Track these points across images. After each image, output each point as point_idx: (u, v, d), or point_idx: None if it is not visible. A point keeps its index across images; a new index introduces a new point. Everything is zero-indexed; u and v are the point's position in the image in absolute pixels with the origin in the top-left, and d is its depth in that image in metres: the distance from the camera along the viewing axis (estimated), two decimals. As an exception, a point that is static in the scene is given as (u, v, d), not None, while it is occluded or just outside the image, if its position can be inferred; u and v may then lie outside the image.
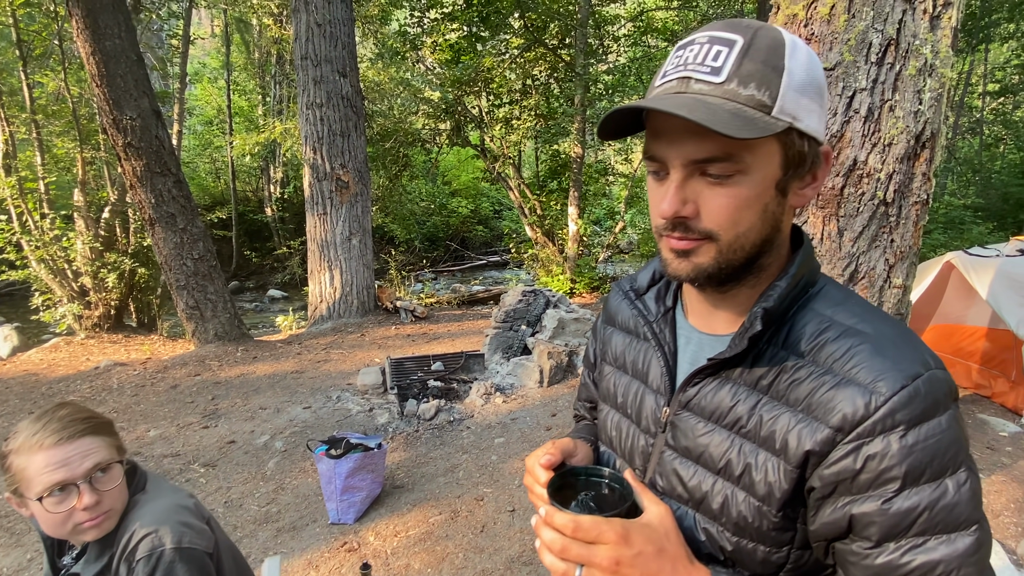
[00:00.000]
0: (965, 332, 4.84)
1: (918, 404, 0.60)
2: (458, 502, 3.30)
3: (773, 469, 0.66)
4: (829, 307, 0.69)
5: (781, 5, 2.59)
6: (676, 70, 0.64)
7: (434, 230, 17.49)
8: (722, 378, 0.72)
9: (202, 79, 18.63)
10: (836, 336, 0.66)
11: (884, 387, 0.61)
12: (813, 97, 0.65)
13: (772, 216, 0.67)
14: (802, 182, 0.69)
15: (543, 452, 0.78)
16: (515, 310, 5.57)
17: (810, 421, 0.64)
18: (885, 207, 2.40)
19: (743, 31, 0.63)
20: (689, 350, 0.79)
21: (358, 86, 7.97)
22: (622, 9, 12.85)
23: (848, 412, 0.61)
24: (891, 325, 0.67)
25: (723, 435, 0.71)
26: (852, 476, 0.62)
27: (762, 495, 0.67)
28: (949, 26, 2.34)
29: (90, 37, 5.38)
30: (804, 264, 0.71)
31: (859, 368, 0.63)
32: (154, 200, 6.03)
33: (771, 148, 0.64)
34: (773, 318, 0.69)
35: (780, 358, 0.68)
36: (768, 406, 0.68)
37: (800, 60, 0.63)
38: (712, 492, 0.71)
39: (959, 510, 0.59)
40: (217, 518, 3.25)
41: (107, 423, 1.17)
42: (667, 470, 0.77)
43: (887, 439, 0.60)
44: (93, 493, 1.10)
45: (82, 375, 5.86)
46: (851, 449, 0.61)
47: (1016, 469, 3.53)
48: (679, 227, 0.66)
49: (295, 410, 4.63)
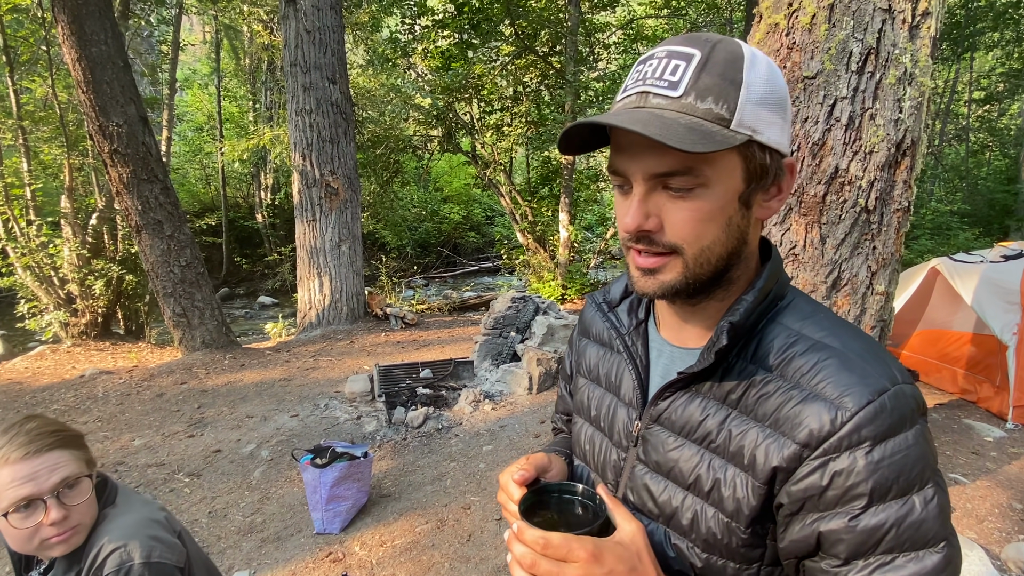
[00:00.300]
0: (951, 337, 4.88)
1: (884, 420, 0.60)
2: (445, 511, 3.28)
3: (742, 485, 0.66)
4: (797, 320, 0.69)
5: (763, 14, 2.61)
6: (635, 85, 0.65)
7: (426, 236, 17.48)
8: (692, 392, 0.72)
9: (192, 85, 18.58)
10: (804, 350, 0.66)
11: (850, 402, 0.60)
12: (774, 110, 0.64)
13: (737, 229, 0.67)
14: (767, 194, 0.69)
15: (516, 468, 0.77)
16: (505, 317, 5.56)
17: (777, 437, 0.64)
18: (867, 214, 2.42)
19: (701, 45, 0.63)
20: (661, 363, 0.79)
21: (348, 92, 7.96)
22: (612, 17, 12.93)
23: (814, 428, 0.61)
24: (859, 339, 0.67)
25: (693, 450, 0.71)
26: (819, 493, 0.61)
27: (731, 511, 0.67)
28: (928, 35, 2.36)
29: (76, 43, 5.35)
30: (771, 277, 0.71)
31: (826, 383, 0.63)
32: (141, 207, 5.98)
33: (732, 161, 0.64)
34: (740, 332, 0.69)
35: (749, 372, 0.68)
36: (737, 421, 0.68)
37: (760, 73, 0.63)
38: (682, 508, 0.71)
39: (926, 527, 0.59)
40: (201, 528, 3.23)
41: (76, 436, 1.15)
42: (638, 485, 0.76)
43: (853, 455, 0.59)
44: (60, 508, 1.08)
45: (67, 383, 5.79)
46: (818, 465, 0.61)
47: (1001, 474, 3.55)
48: (643, 240, 0.66)
49: (282, 418, 4.59)
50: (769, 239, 0.78)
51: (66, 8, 5.29)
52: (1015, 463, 3.69)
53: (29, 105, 8.15)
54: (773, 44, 2.51)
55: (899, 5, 2.30)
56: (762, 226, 0.74)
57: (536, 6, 10.77)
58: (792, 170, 0.69)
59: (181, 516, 3.33)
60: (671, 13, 12.48)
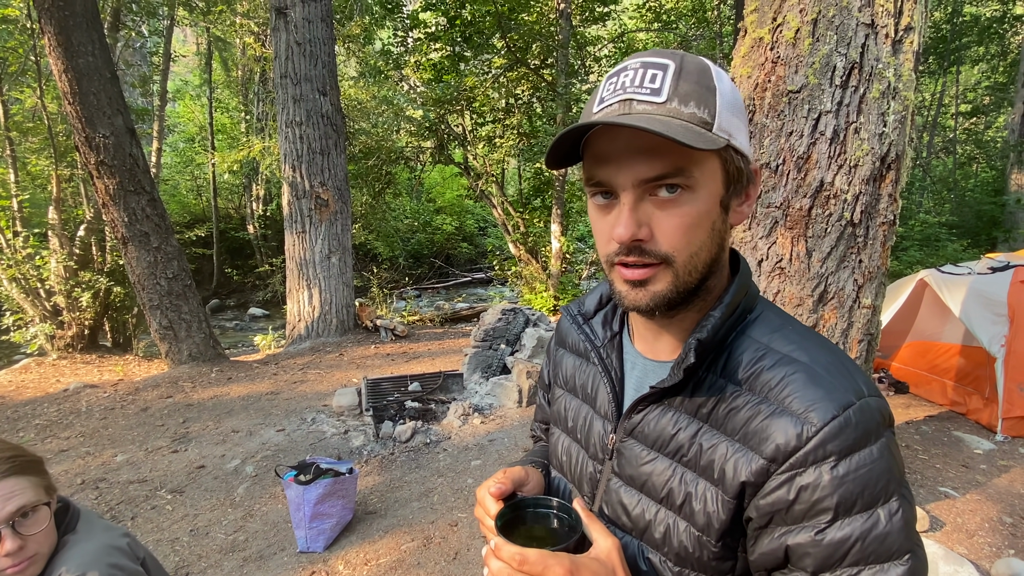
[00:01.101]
0: (940, 349, 4.88)
1: (849, 434, 0.60)
2: (431, 528, 3.23)
3: (712, 499, 0.67)
4: (766, 334, 0.70)
5: (748, 29, 2.62)
6: (615, 95, 0.64)
7: (418, 247, 17.44)
8: (665, 405, 0.72)
9: (184, 96, 18.55)
10: (771, 364, 0.66)
11: (816, 417, 0.61)
12: (740, 117, 0.66)
13: (719, 234, 0.68)
14: (740, 199, 0.70)
15: (493, 482, 0.76)
16: (494, 329, 5.53)
17: (746, 451, 0.65)
18: (852, 228, 2.41)
19: (671, 56, 0.64)
20: (634, 376, 0.79)
21: (338, 104, 7.96)
22: (603, 31, 13.03)
23: (781, 443, 0.62)
24: (827, 352, 0.67)
25: (665, 463, 0.71)
26: (786, 507, 0.62)
27: (702, 525, 0.68)
28: (911, 50, 2.37)
29: (63, 55, 5.32)
30: (740, 290, 0.71)
31: (792, 397, 0.63)
32: (127, 219, 5.93)
33: (714, 165, 0.65)
34: (708, 348, 0.69)
35: (719, 386, 0.68)
36: (708, 435, 0.68)
37: (726, 83, 0.65)
38: (655, 521, 0.72)
39: (891, 540, 0.60)
40: (182, 547, 3.16)
41: (35, 462, 1.11)
42: (612, 499, 0.77)
43: (819, 470, 0.60)
44: (16, 538, 1.04)
45: (50, 397, 5.70)
46: (784, 480, 0.62)
47: (991, 487, 3.54)
48: (634, 251, 0.65)
49: (268, 433, 4.53)
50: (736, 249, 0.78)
51: (53, 19, 5.26)
52: (1005, 476, 3.68)
53: (18, 116, 8.10)
54: (758, 58, 2.52)
55: (882, 20, 2.31)
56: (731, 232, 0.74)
57: (527, 20, 10.85)
58: (758, 175, 0.71)
59: (162, 534, 3.26)
60: (661, 27, 12.59)
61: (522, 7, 10.68)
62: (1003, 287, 4.32)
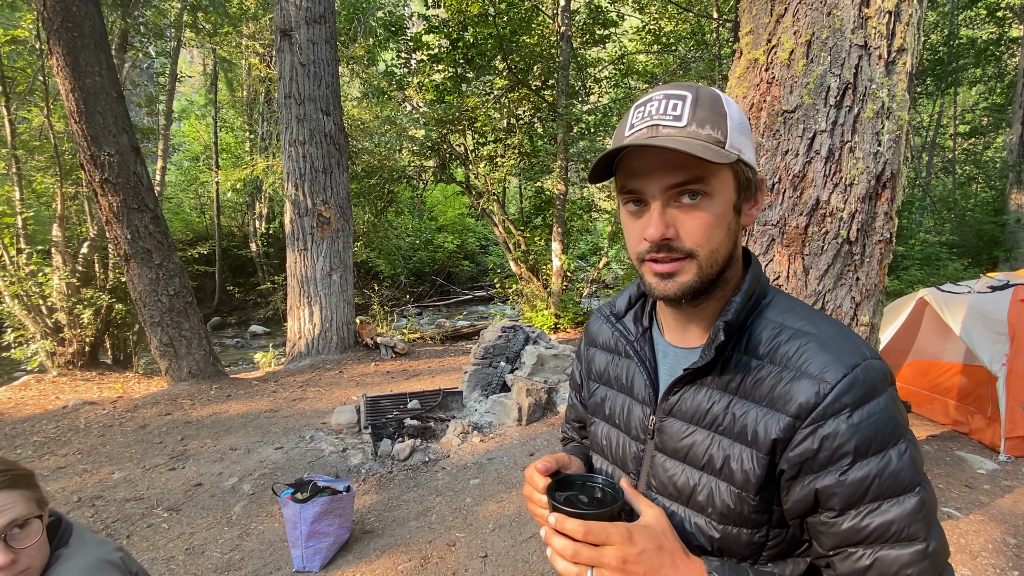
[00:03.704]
0: (941, 368, 4.86)
1: (859, 388, 0.71)
2: (429, 547, 3.19)
3: (748, 458, 0.76)
4: (780, 314, 0.81)
5: (744, 50, 2.66)
6: (643, 121, 0.76)
7: (420, 265, 17.48)
8: (698, 384, 0.82)
9: (189, 116, 18.77)
10: (788, 338, 0.77)
11: (830, 376, 0.72)
12: (747, 136, 0.79)
13: (733, 233, 0.80)
14: (749, 204, 0.82)
15: (540, 461, 0.85)
16: (495, 346, 5.52)
17: (773, 413, 0.75)
18: (849, 245, 2.42)
19: (689, 89, 0.77)
20: (667, 363, 0.89)
21: (341, 124, 8.05)
22: (603, 52, 13.20)
23: (803, 401, 0.72)
24: (833, 325, 0.79)
25: (704, 434, 0.81)
26: (812, 455, 0.72)
27: (741, 483, 0.77)
28: (904, 71, 2.41)
29: (70, 75, 5.40)
30: (755, 279, 0.83)
31: (808, 363, 0.74)
32: (130, 236, 5.97)
33: (727, 175, 0.77)
34: (733, 328, 0.80)
35: (744, 362, 0.79)
36: (739, 404, 0.78)
37: (734, 108, 0.78)
38: (699, 486, 0.81)
39: (903, 475, 0.70)
40: (177, 566, 3.13)
41: (26, 475, 1.11)
42: (658, 471, 0.86)
43: (837, 420, 0.70)
44: (8, 552, 1.03)
45: (49, 414, 5.69)
46: (809, 432, 0.72)
47: (994, 508, 3.50)
48: (663, 249, 0.76)
49: (266, 451, 4.50)
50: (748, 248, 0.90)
51: (62, 40, 5.36)
52: (1008, 496, 3.64)
53: (25, 134, 8.20)
54: (753, 79, 2.55)
55: (875, 42, 2.35)
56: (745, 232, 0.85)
57: (529, 42, 11.01)
58: (763, 184, 0.84)
59: (158, 552, 3.23)
60: (661, 49, 12.75)
61: (523, 29, 10.85)
62: (1003, 306, 4.31)
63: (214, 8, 10.84)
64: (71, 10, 5.40)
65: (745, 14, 2.71)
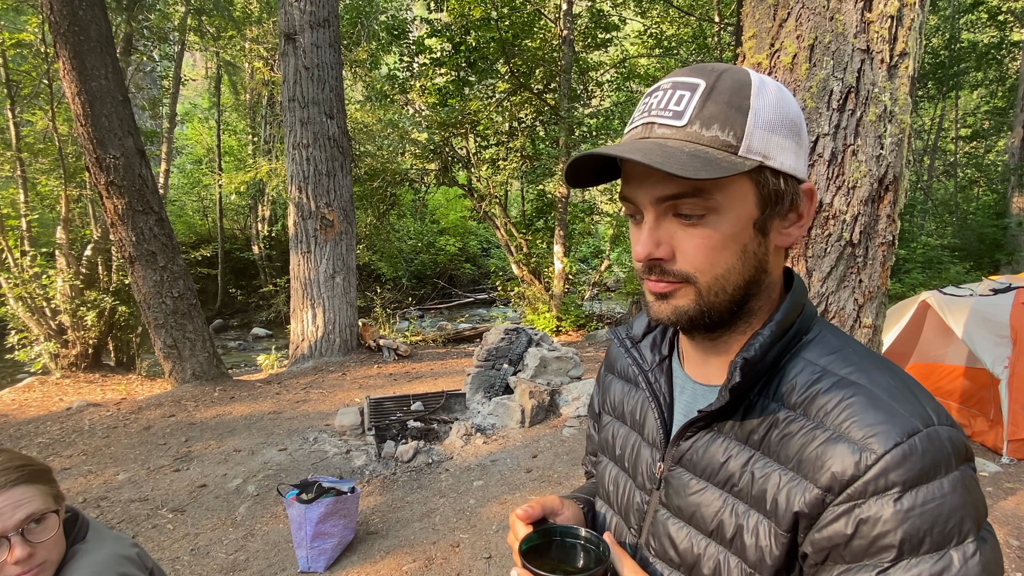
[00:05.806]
0: (944, 371, 4.87)
1: (915, 464, 0.54)
2: (433, 548, 3.21)
3: (765, 533, 0.62)
4: (823, 356, 0.65)
5: (746, 55, 2.68)
6: (641, 116, 0.65)
7: (422, 268, 17.52)
8: (715, 431, 0.69)
9: (193, 119, 18.84)
10: (828, 387, 0.62)
11: (876, 444, 0.56)
12: (786, 135, 0.63)
13: (754, 257, 0.65)
14: (785, 220, 0.66)
15: (524, 506, 0.75)
16: (497, 348, 5.54)
17: (800, 480, 0.60)
18: (852, 248, 2.44)
19: (707, 75, 0.63)
20: (683, 400, 0.76)
21: (345, 127, 8.09)
22: (605, 56, 13.25)
23: (837, 471, 0.57)
24: (891, 375, 0.62)
25: (715, 493, 0.67)
26: (844, 542, 0.57)
27: (754, 561, 0.63)
28: (906, 75, 2.43)
29: (76, 78, 5.44)
30: (793, 310, 0.67)
31: (851, 422, 0.58)
32: (135, 238, 6.00)
33: (743, 187, 0.62)
34: (756, 368, 0.65)
35: (771, 410, 0.65)
36: (760, 463, 0.64)
37: (768, 99, 0.62)
38: (704, 556, 0.68)
39: None
40: (182, 567, 3.14)
41: (43, 470, 1.13)
42: (660, 531, 0.73)
43: (880, 501, 0.55)
44: (25, 546, 1.05)
45: (53, 416, 5.71)
46: (842, 512, 0.57)
47: (997, 510, 3.51)
48: (655, 270, 0.65)
49: (270, 452, 4.52)
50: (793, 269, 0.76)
51: (68, 44, 5.40)
52: (1011, 498, 3.64)
53: (29, 137, 8.24)
54: (756, 82, 2.57)
55: (877, 46, 2.37)
56: (786, 255, 0.71)
57: (531, 46, 11.06)
58: (811, 195, 0.67)
59: (163, 553, 3.25)
60: (663, 52, 12.80)
61: (525, 33, 10.90)
62: (1005, 309, 4.32)
63: (218, 12, 10.91)
64: (78, 14, 5.44)
65: (748, 19, 2.73)
